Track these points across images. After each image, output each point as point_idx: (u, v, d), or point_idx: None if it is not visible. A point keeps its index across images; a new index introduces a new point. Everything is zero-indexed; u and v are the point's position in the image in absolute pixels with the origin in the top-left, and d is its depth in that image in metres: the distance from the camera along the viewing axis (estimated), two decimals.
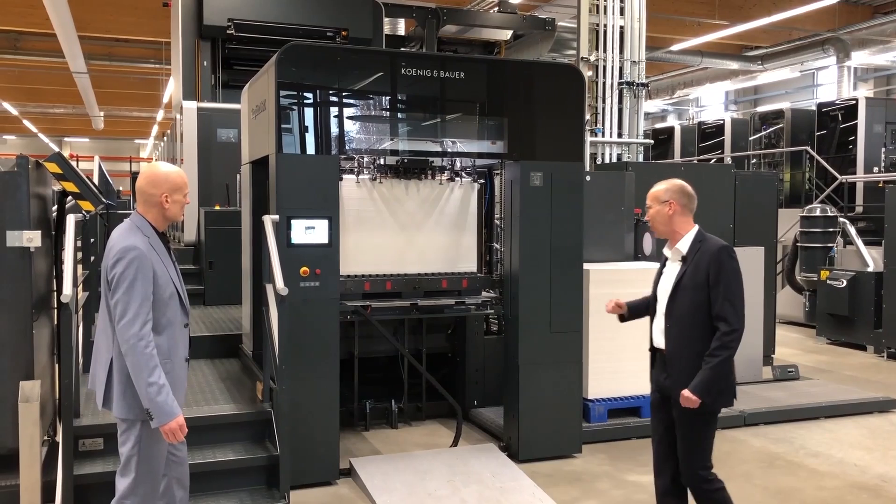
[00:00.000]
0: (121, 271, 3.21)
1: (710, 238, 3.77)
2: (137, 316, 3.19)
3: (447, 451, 5.69)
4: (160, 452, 3.40)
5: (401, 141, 5.55)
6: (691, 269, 3.69)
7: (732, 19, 15.15)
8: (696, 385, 3.57)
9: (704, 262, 3.66)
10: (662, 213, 3.80)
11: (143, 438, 3.31)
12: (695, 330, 3.66)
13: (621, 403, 6.26)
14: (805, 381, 7.84)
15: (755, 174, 11.20)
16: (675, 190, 3.81)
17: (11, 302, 4.47)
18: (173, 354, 3.39)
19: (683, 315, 3.69)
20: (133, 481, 3.33)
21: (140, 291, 3.21)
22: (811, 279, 11.05)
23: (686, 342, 3.68)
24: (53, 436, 5.03)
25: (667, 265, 3.90)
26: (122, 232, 3.35)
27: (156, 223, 3.43)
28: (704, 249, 3.70)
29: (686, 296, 3.68)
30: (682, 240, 3.79)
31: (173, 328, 3.38)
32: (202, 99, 8.83)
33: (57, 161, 5.28)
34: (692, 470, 3.72)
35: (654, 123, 24.73)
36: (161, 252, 3.39)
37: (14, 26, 14.96)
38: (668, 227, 3.82)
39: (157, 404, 3.19)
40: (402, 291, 5.64)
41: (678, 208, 3.78)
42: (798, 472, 5.51)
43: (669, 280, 3.80)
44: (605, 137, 9.90)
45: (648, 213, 3.89)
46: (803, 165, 14.24)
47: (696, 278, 3.66)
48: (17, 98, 23.68)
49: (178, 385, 3.42)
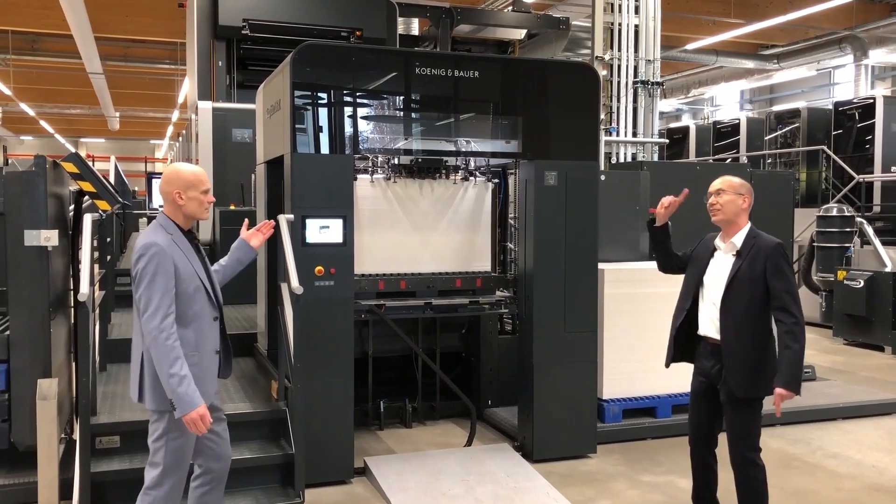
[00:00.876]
0: (142, 267, 3.31)
1: (764, 235, 3.93)
2: (158, 309, 3.28)
3: (461, 451, 5.68)
4: (187, 445, 3.46)
5: (415, 140, 5.56)
6: (747, 264, 3.84)
7: (748, 18, 15.06)
8: (788, 383, 3.69)
9: (761, 257, 3.81)
10: (736, 203, 3.95)
11: (171, 430, 3.39)
12: (750, 323, 3.82)
13: (636, 404, 6.23)
14: (822, 381, 7.78)
15: (771, 173, 11.13)
16: (749, 187, 4.01)
17: (29, 300, 4.50)
18: (201, 346, 3.47)
19: (739, 308, 3.83)
20: (160, 473, 3.41)
21: (160, 286, 3.30)
22: (828, 279, 10.96)
23: (741, 335, 3.83)
24: (70, 433, 5.07)
25: (715, 257, 4.03)
26: (147, 231, 3.48)
27: (179, 221, 3.51)
28: (759, 245, 3.86)
29: (743, 289, 3.83)
30: (739, 234, 3.96)
31: (200, 321, 3.47)
32: (217, 99, 8.86)
33: (74, 161, 5.33)
34: (742, 452, 3.89)
35: (669, 123, 24.61)
36: (185, 248, 3.46)
37: (32, 28, 15.08)
38: (734, 218, 3.96)
39: (178, 395, 3.26)
40: (416, 290, 5.64)
41: (749, 204, 3.98)
42: (815, 473, 5.47)
43: (722, 272, 3.94)
44: (620, 137, 9.85)
45: (720, 199, 3.97)
46: (820, 165, 14.13)
47: (752, 272, 3.82)
48: (34, 99, 23.89)
49: (208, 376, 3.51)
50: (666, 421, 6.19)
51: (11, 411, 4.56)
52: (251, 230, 3.93)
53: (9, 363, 4.54)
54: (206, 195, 3.54)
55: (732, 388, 3.84)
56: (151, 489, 3.43)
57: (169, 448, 3.40)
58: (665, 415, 6.23)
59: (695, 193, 7.11)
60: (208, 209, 3.62)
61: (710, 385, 4.00)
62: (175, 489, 3.45)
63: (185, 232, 3.54)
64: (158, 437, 3.41)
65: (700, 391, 4.08)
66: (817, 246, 11.22)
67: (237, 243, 3.87)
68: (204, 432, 3.36)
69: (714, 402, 4.01)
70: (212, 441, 3.61)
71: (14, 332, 4.53)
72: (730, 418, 3.95)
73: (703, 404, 4.07)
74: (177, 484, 3.45)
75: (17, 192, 4.48)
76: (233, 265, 3.85)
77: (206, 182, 3.58)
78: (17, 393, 4.53)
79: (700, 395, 4.08)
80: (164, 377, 3.27)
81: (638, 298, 6.15)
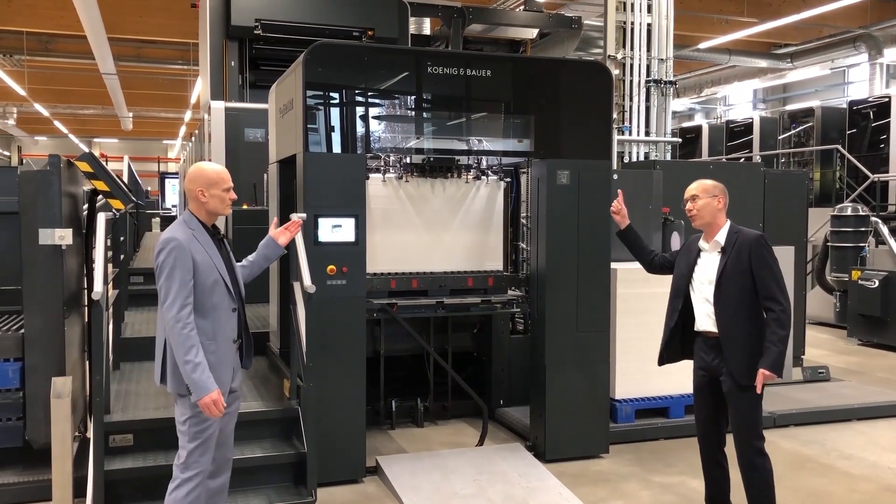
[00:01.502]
0: (161, 260, 3.49)
1: (744, 229, 4.12)
2: (175, 300, 3.45)
3: (473, 451, 5.68)
4: (210, 428, 3.60)
5: (427, 139, 5.56)
6: (733, 258, 4.03)
7: (761, 16, 14.96)
8: (771, 365, 3.88)
9: (745, 251, 4.00)
10: (712, 205, 4.14)
11: (195, 414, 3.53)
12: (743, 313, 3.99)
13: (649, 404, 6.21)
14: (836, 382, 7.72)
15: (785, 173, 11.06)
16: (722, 187, 4.20)
17: (44, 299, 4.53)
18: (218, 336, 3.61)
19: (731, 301, 4.01)
20: (187, 455, 3.58)
21: (178, 278, 3.47)
22: (842, 279, 10.88)
23: (737, 325, 4.00)
24: (84, 432, 5.09)
25: (702, 256, 4.20)
26: (170, 227, 3.65)
27: (201, 217, 3.68)
28: (742, 239, 4.05)
29: (732, 283, 4.01)
30: (720, 232, 4.14)
31: (218, 312, 3.61)
32: (230, 99, 8.88)
33: (88, 160, 5.35)
34: (748, 440, 4.01)
35: (682, 122, 24.51)
36: (206, 243, 3.62)
37: (46, 29, 15.17)
38: (712, 220, 4.15)
39: (192, 380, 3.44)
40: (427, 289, 5.64)
41: (724, 204, 4.17)
42: (830, 474, 5.43)
43: (710, 270, 4.12)
44: (633, 136, 9.81)
45: (695, 204, 4.17)
46: (834, 164, 14.04)
47: (739, 266, 4.00)
48: (48, 99, 24.03)
49: (225, 364, 3.66)
50: (679, 421, 6.16)
51: (26, 409, 4.60)
52: (279, 229, 4.10)
53: (23, 361, 4.58)
54: (227, 193, 3.70)
55: (737, 377, 3.97)
56: (181, 471, 3.60)
57: (193, 432, 3.56)
58: (678, 415, 6.20)
59: None
60: (230, 206, 3.78)
61: (712, 378, 4.13)
62: (203, 472, 3.61)
63: (209, 228, 3.69)
64: (184, 422, 3.58)
65: (702, 386, 4.20)
66: (831, 246, 11.14)
67: (265, 241, 4.05)
68: (218, 416, 3.50)
69: (718, 395, 4.12)
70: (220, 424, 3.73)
71: (29, 331, 4.56)
72: (733, 408, 4.06)
73: (707, 399, 4.18)
74: (204, 466, 3.61)
75: (32, 191, 4.51)
76: (260, 261, 4.03)
77: (228, 180, 3.73)
78: (31, 391, 4.57)
79: (703, 389, 4.20)
80: (181, 364, 3.45)
81: (650, 298, 6.11)
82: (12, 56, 17.11)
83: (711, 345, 4.11)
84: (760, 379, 3.89)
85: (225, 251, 3.76)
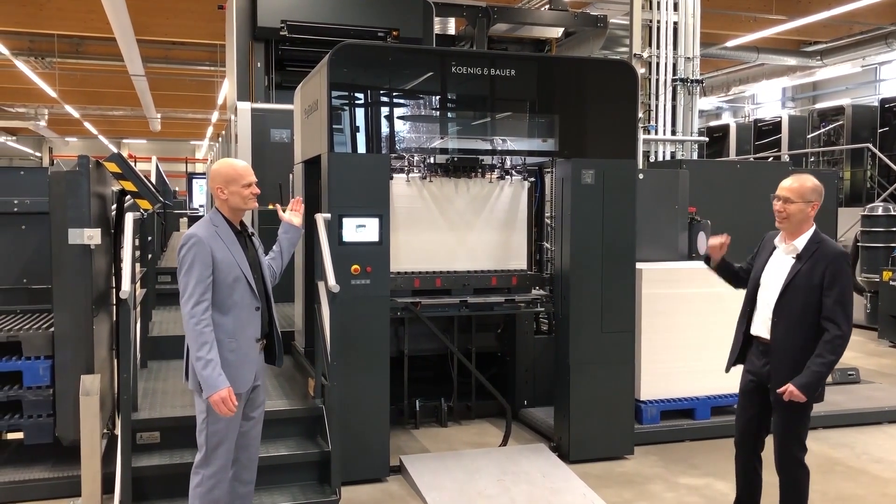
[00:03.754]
0: (182, 256, 3.53)
1: (828, 241, 3.86)
2: (192, 295, 3.48)
3: (497, 451, 5.67)
4: (227, 427, 3.61)
5: (451, 139, 5.55)
6: (806, 269, 3.79)
7: (790, 14, 14.75)
8: (803, 384, 3.70)
9: (822, 265, 3.75)
10: (805, 211, 3.84)
11: (210, 411, 3.54)
12: (802, 328, 3.78)
13: (675, 405, 6.16)
14: (866, 384, 7.61)
15: (814, 172, 10.87)
16: (821, 190, 3.89)
17: (73, 298, 4.60)
18: (239, 334, 3.62)
19: (793, 313, 3.79)
20: (204, 453, 3.61)
21: (196, 274, 3.49)
22: (873, 280, 10.72)
23: (792, 338, 3.80)
24: (112, 429, 5.16)
25: (774, 256, 3.97)
26: (195, 224, 3.68)
27: (226, 214, 3.69)
28: (822, 251, 3.79)
29: (798, 295, 3.78)
30: (801, 237, 3.87)
31: (240, 310, 3.61)
32: (256, 100, 8.94)
33: (116, 161, 5.42)
34: (788, 450, 3.88)
35: (709, 121, 24.26)
36: (229, 241, 3.63)
37: (76, 31, 15.38)
38: (799, 225, 3.87)
39: (203, 377, 3.46)
40: (451, 288, 5.64)
41: (816, 209, 3.87)
42: (860, 478, 5.35)
43: (779, 274, 3.88)
44: (659, 135, 9.75)
45: (787, 208, 3.86)
46: (864, 163, 13.82)
47: (811, 279, 3.76)
48: (78, 101, 24.36)
49: (246, 363, 3.66)
50: (705, 423, 6.11)
51: (56, 406, 4.67)
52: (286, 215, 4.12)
53: (53, 359, 4.65)
54: (248, 188, 3.69)
55: (775, 387, 3.82)
56: (199, 468, 3.63)
57: (210, 430, 3.59)
58: (704, 416, 6.15)
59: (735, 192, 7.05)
60: (253, 200, 3.75)
61: (759, 384, 3.97)
62: (222, 469, 3.62)
63: (234, 225, 3.70)
64: (203, 420, 3.60)
65: (749, 390, 4.05)
66: (862, 246, 10.98)
67: (282, 227, 4.07)
68: (228, 414, 3.48)
69: (764, 401, 3.98)
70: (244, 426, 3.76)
71: (58, 329, 4.63)
72: (778, 416, 3.92)
73: (752, 404, 4.04)
74: (223, 464, 3.63)
75: (62, 192, 4.58)
76: (287, 247, 4.07)
77: (248, 175, 3.71)
78: (61, 388, 4.63)
79: (750, 394, 4.05)
80: (193, 359, 3.48)
81: (676, 299, 6.08)
82: (44, 59, 17.36)
83: (763, 350, 3.95)
84: (786, 392, 3.72)
85: (252, 249, 3.77)
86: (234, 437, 3.66)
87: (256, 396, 3.83)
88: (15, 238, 5.23)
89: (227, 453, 3.64)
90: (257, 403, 3.84)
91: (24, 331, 4.72)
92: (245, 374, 3.63)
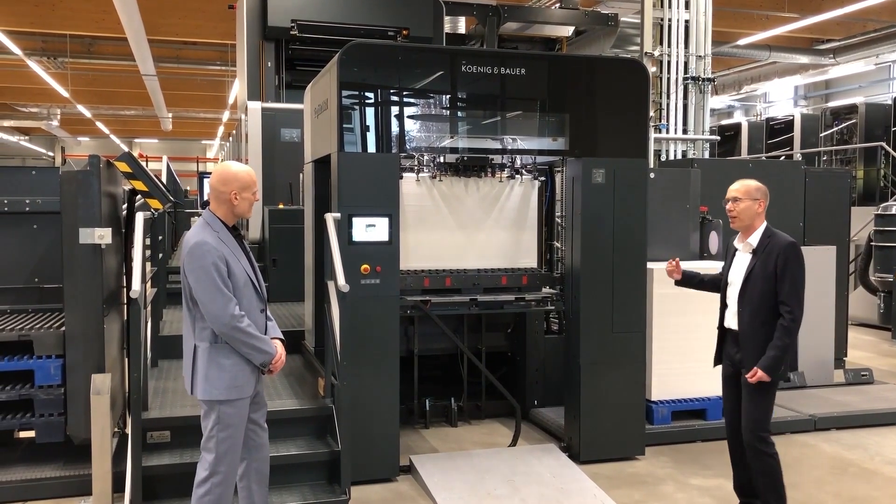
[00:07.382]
0: (198, 266, 3.48)
1: (778, 233, 4.24)
2: (228, 298, 3.50)
3: (507, 451, 5.65)
4: (238, 433, 3.64)
5: (461, 139, 5.54)
6: (761, 261, 4.17)
7: (802, 12, 14.66)
8: (765, 366, 4.07)
9: (773, 255, 4.13)
10: (753, 208, 4.24)
11: (222, 420, 3.57)
12: (763, 314, 4.15)
13: (686, 405, 6.13)
14: (880, 385, 7.54)
15: (826, 171, 10.83)
16: (765, 190, 4.29)
17: (84, 297, 4.62)
18: None
19: (754, 301, 4.17)
20: (214, 460, 3.60)
21: (220, 278, 3.50)
22: (886, 280, 10.63)
23: (756, 324, 4.17)
24: (123, 428, 5.18)
25: (737, 256, 4.36)
26: (194, 230, 3.63)
27: (225, 219, 3.68)
28: (773, 243, 4.17)
29: (756, 284, 4.16)
30: (754, 234, 4.26)
31: (248, 314, 3.63)
32: (266, 99, 8.97)
33: (127, 160, 5.43)
34: (754, 431, 4.19)
35: (721, 119, 24.16)
36: (231, 245, 3.63)
37: (88, 31, 15.46)
38: (751, 222, 4.26)
39: (264, 352, 3.61)
40: (461, 287, 5.63)
41: (764, 207, 4.27)
42: (873, 479, 5.30)
43: (741, 269, 4.28)
44: (670, 134, 9.70)
45: (736, 206, 4.26)
46: (878, 162, 13.73)
47: (766, 269, 4.14)
48: (90, 101, 24.50)
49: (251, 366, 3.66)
50: (716, 423, 6.06)
51: (67, 405, 4.69)
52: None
53: (64, 358, 4.67)
54: (254, 196, 3.72)
55: (744, 372, 4.17)
56: (207, 477, 3.60)
57: (221, 437, 3.58)
58: (715, 417, 6.11)
59: None
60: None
61: (735, 371, 4.33)
62: (229, 477, 3.64)
63: (230, 228, 3.69)
64: (212, 428, 3.59)
65: (728, 376, 4.43)
66: (875, 245, 10.89)
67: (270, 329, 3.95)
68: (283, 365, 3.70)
69: (741, 386, 4.29)
70: (252, 431, 3.79)
71: (69, 328, 4.65)
72: (745, 400, 4.23)
73: (732, 390, 4.38)
74: (231, 472, 3.64)
75: (73, 192, 4.59)
76: None
77: (256, 183, 3.76)
78: (72, 387, 4.65)
79: (729, 379, 4.42)
80: (253, 351, 3.56)
81: (687, 299, 6.01)
82: (56, 59, 17.46)
83: (735, 340, 4.31)
84: (753, 376, 4.07)
85: (247, 251, 3.78)
86: (241, 441, 3.68)
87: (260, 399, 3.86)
88: (26, 237, 5.24)
89: (235, 460, 3.66)
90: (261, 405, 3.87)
91: (36, 330, 4.74)
92: (252, 377, 3.66)
